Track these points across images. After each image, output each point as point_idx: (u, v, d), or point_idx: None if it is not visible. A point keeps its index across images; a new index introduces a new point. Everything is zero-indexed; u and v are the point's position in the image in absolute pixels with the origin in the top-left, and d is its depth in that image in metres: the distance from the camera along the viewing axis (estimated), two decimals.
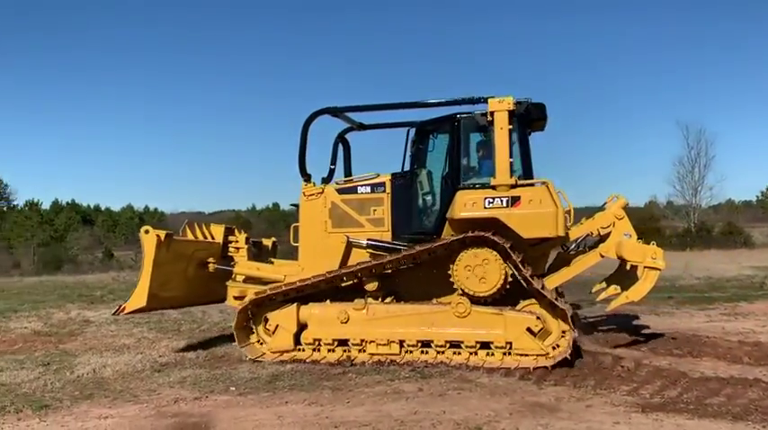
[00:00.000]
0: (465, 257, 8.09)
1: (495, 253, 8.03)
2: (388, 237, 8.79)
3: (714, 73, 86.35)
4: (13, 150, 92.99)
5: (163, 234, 8.68)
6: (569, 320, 7.77)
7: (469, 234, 8.03)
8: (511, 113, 8.24)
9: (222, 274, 9.61)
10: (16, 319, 13.02)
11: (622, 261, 8.67)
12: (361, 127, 10.27)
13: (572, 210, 8.32)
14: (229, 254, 9.94)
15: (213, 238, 9.90)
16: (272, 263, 9.81)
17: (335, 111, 9.46)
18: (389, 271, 8.60)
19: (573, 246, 9.03)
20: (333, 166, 9.92)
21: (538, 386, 6.97)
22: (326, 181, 9.53)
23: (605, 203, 9.06)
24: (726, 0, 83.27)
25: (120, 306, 8.81)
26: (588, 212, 9.45)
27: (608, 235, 8.72)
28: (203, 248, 9.62)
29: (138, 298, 8.58)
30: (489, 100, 8.33)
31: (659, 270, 8.10)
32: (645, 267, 8.11)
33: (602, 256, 8.59)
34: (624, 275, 8.83)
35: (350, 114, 9.85)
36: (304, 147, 9.18)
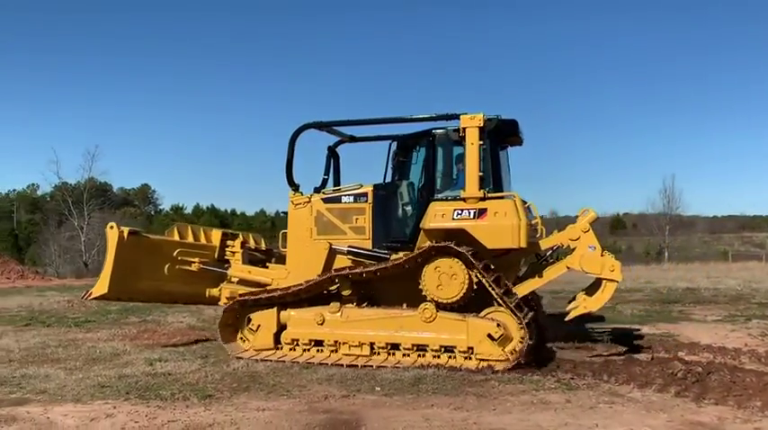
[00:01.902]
0: (432, 266, 8.55)
1: (459, 262, 8.44)
2: (368, 244, 9.22)
3: None
4: (161, 159, 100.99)
5: (126, 231, 9.43)
6: (525, 327, 8.06)
7: (433, 244, 8.53)
8: (481, 129, 8.67)
9: (216, 277, 10.21)
10: (172, 314, 14.08)
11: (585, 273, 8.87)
12: (353, 139, 10.77)
13: (540, 223, 8.87)
14: (226, 257, 10.49)
15: (210, 242, 10.55)
16: (266, 267, 10.23)
17: (320, 126, 10.05)
18: (364, 278, 9.01)
19: (546, 256, 9.25)
20: (326, 177, 10.34)
21: (697, 404, 6.57)
22: (319, 190, 9.88)
23: (577, 216, 9.16)
24: None
25: (88, 291, 9.63)
26: (739, 221, 9.03)
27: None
28: (191, 249, 10.16)
29: (101, 286, 9.31)
30: (461, 116, 8.79)
31: (616, 282, 8.43)
32: (603, 279, 8.47)
33: (569, 268, 8.79)
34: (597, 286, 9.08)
35: (341, 128, 10.39)
36: (291, 159, 9.74)
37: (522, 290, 8.80)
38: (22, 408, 6.52)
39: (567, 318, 8.69)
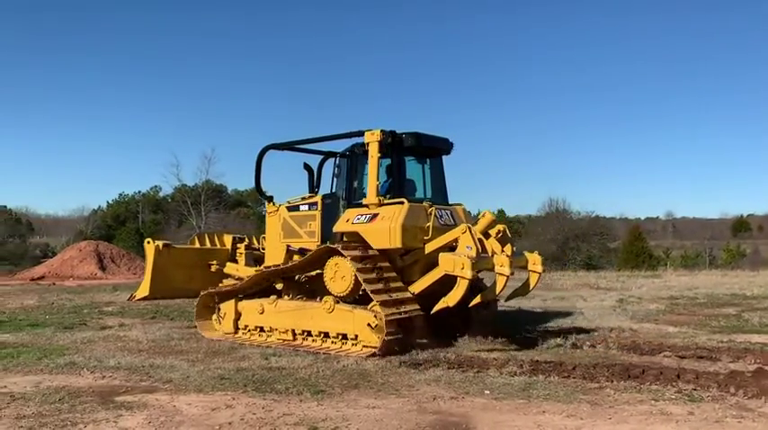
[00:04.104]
0: (329, 264, 9.68)
1: (346, 260, 9.38)
2: (316, 246, 10.38)
3: None
4: (271, 162, 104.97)
5: (161, 244, 11.56)
6: (383, 320, 8.83)
7: (324, 246, 9.85)
8: (380, 143, 9.86)
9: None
10: None
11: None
12: (331, 154, 11.75)
13: (431, 226, 9.70)
14: (236, 258, 12.16)
15: (224, 246, 12.37)
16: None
17: (276, 147, 11.56)
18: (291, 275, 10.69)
19: None
20: (317, 188, 11.71)
21: None
22: None
23: (477, 218, 9.81)
24: None
25: (132, 294, 11.89)
26: None
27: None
28: (210, 253, 12.12)
29: (143, 289, 11.56)
30: (366, 132, 10.04)
31: (466, 279, 8.81)
32: (457, 277, 8.91)
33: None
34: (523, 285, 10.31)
35: (309, 146, 11.73)
36: (258, 176, 11.58)
37: (416, 287, 9.62)
38: (151, 396, 7.00)
39: (432, 312, 9.20)
